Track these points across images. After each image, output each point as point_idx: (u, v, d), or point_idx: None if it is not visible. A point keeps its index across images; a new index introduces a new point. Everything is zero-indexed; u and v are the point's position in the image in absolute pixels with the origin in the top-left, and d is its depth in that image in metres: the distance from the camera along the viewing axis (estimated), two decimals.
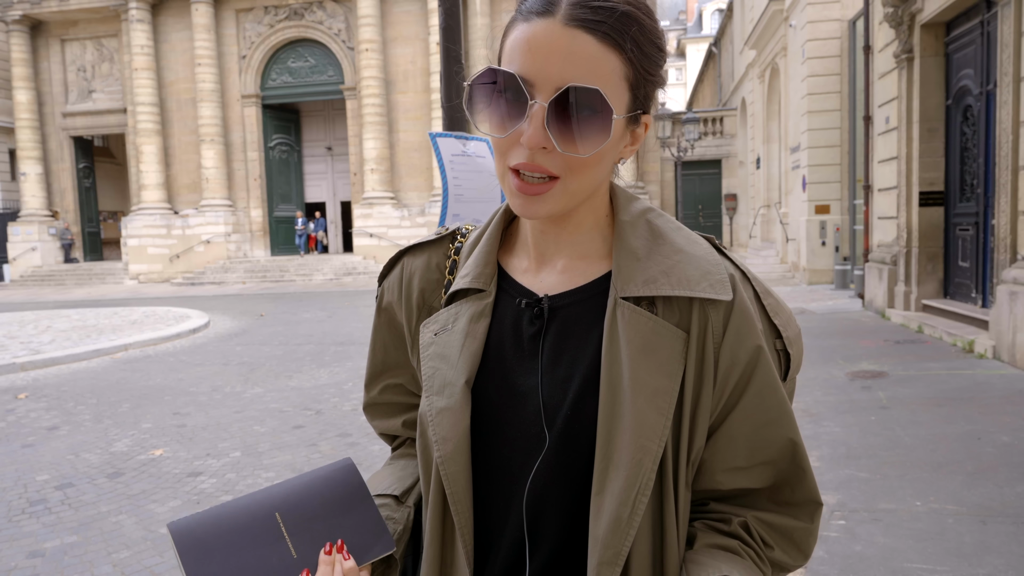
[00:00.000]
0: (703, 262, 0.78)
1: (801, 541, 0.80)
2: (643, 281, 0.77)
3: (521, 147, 0.72)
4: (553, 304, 0.81)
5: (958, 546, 3.07)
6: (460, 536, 0.79)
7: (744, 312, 0.77)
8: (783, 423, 0.78)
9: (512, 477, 0.79)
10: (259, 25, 23.29)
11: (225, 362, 8.64)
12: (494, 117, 0.74)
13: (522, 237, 0.87)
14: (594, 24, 0.69)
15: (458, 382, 0.80)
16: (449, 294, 0.87)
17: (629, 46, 0.71)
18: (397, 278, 0.94)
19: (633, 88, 0.74)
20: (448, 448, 0.78)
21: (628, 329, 0.75)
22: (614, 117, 0.70)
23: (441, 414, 0.79)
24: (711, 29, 50.59)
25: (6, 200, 27.38)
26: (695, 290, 0.76)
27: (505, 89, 0.72)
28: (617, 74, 0.72)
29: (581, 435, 0.76)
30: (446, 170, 1.79)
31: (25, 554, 3.44)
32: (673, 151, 18.13)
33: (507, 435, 0.79)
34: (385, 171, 22.63)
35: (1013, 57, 6.81)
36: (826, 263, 14.59)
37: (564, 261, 0.83)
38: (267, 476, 4.44)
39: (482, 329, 0.83)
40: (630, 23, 0.71)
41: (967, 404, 5.26)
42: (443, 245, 0.93)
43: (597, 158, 0.73)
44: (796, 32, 15.14)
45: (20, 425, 5.89)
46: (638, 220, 0.82)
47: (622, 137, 0.77)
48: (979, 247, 8.26)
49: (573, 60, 0.69)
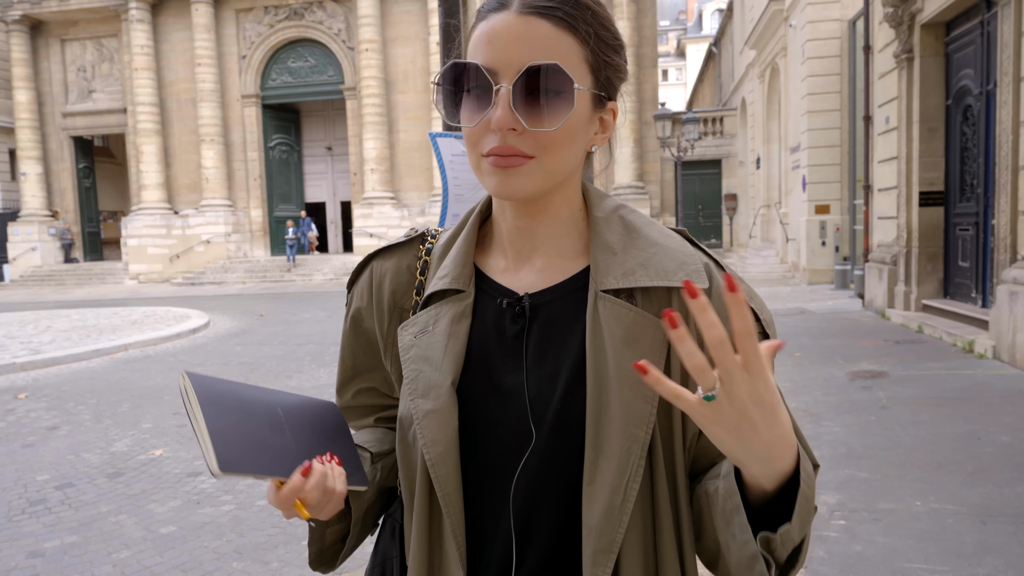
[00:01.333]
0: (678, 253, 0.80)
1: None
2: (621, 274, 0.79)
3: (492, 133, 0.74)
4: (534, 302, 0.82)
5: (958, 546, 3.07)
6: (452, 537, 0.79)
7: (721, 299, 0.79)
8: None
9: (501, 476, 0.80)
10: (259, 25, 23.29)
11: (225, 362, 8.63)
12: (463, 110, 0.76)
13: (498, 237, 0.88)
14: (547, 10, 0.73)
15: (443, 384, 0.80)
16: (427, 295, 0.87)
17: (584, 29, 0.74)
18: (367, 282, 0.94)
19: (594, 70, 0.77)
20: (438, 450, 0.78)
21: (610, 321, 0.77)
22: (575, 87, 0.72)
23: (428, 416, 0.79)
24: (711, 29, 50.58)
25: (6, 200, 27.37)
26: (672, 280, 0.77)
27: (471, 81, 0.75)
28: (575, 54, 0.74)
29: (571, 429, 0.77)
30: (446, 170, 1.79)
31: (25, 554, 3.44)
32: (673, 151, 18.12)
33: (494, 434, 0.80)
34: (385, 171, 22.63)
35: (1013, 57, 6.81)
36: (826, 263, 14.59)
37: (542, 259, 0.84)
38: None
39: (464, 330, 0.83)
40: (583, 9, 0.75)
41: (967, 404, 5.26)
42: (413, 247, 0.93)
43: (567, 134, 0.75)
44: (796, 32, 15.14)
45: (20, 425, 5.89)
46: (611, 216, 0.84)
47: (591, 120, 0.79)
48: (979, 247, 8.26)
49: (530, 43, 0.73)
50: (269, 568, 3.23)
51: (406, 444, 0.84)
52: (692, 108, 31.62)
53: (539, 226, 0.83)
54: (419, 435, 0.79)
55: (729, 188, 23.51)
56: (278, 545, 3.46)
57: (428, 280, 0.89)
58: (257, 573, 3.18)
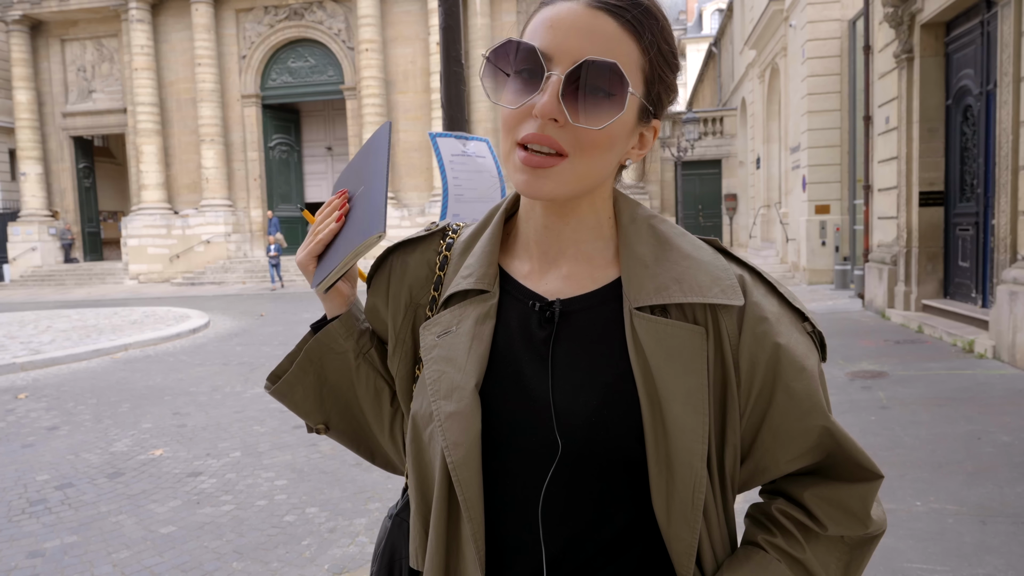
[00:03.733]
0: (712, 267, 0.79)
1: (855, 506, 0.81)
2: (655, 289, 0.78)
3: (532, 119, 0.72)
4: (565, 308, 0.81)
5: (958, 546, 3.07)
6: (473, 542, 0.78)
7: (757, 313, 0.78)
8: (815, 413, 0.79)
9: (525, 482, 0.78)
10: (259, 25, 23.28)
11: (225, 362, 8.63)
12: (507, 91, 0.74)
13: (522, 238, 0.86)
14: (617, 9, 0.72)
15: (467, 386, 0.79)
16: (450, 295, 0.85)
17: (648, 38, 0.73)
18: (385, 277, 0.92)
19: (647, 82, 0.75)
20: (460, 453, 0.77)
21: (648, 339, 0.76)
22: (629, 91, 0.71)
23: (451, 418, 0.78)
24: (711, 29, 50.55)
25: (6, 200, 27.37)
26: (707, 296, 0.77)
27: (523, 62, 0.73)
28: (633, 61, 0.73)
29: (604, 443, 0.76)
30: (446, 170, 1.78)
31: (25, 554, 3.44)
32: (673, 151, 18.12)
33: (517, 440, 0.79)
34: None
35: (1013, 57, 6.81)
36: (826, 263, 14.58)
37: (568, 265, 0.83)
38: (267, 476, 4.44)
39: (488, 331, 0.81)
40: (651, 18, 0.73)
41: (967, 404, 5.26)
42: (433, 242, 0.92)
43: (608, 138, 0.73)
44: (796, 32, 15.14)
45: (20, 425, 5.89)
46: (642, 226, 0.82)
47: (632, 132, 0.77)
48: (979, 247, 8.26)
49: (593, 37, 0.71)
50: (269, 568, 3.23)
51: (420, 444, 0.82)
52: (692, 108, 31.59)
53: (566, 228, 0.82)
54: (441, 437, 0.78)
55: (729, 188, 23.51)
56: (278, 545, 3.46)
57: (449, 277, 0.88)
58: (257, 573, 3.18)
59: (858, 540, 0.83)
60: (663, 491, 0.76)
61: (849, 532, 0.82)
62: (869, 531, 0.83)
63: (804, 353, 0.79)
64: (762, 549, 0.81)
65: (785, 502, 0.83)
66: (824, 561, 0.81)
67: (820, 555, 0.81)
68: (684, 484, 0.75)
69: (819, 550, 0.81)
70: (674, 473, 0.75)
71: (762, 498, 0.88)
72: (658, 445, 0.75)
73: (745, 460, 0.82)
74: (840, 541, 0.82)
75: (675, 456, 0.75)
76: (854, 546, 0.83)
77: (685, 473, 0.75)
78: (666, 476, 0.75)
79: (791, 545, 0.80)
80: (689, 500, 0.75)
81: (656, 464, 0.75)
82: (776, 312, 0.80)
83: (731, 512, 0.83)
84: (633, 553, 0.79)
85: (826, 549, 0.81)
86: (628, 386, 0.76)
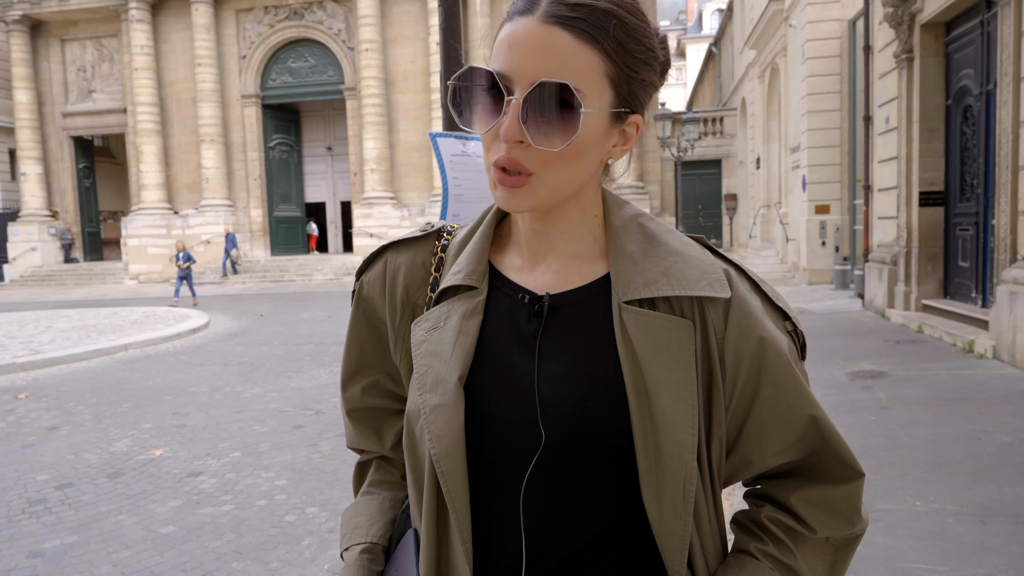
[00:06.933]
0: (699, 262, 0.80)
1: (843, 507, 0.82)
2: (643, 283, 0.79)
3: (501, 142, 0.73)
4: (554, 303, 0.82)
5: (958, 546, 3.07)
6: (459, 533, 0.79)
7: (743, 307, 0.79)
8: (801, 403, 0.80)
9: (509, 474, 0.79)
10: (259, 25, 23.28)
11: (225, 362, 8.63)
12: (477, 114, 0.76)
13: (515, 236, 0.87)
14: (570, 21, 0.71)
15: (451, 379, 0.79)
16: (439, 291, 0.86)
17: (607, 43, 0.72)
18: (380, 273, 0.92)
19: (615, 85, 0.75)
20: (443, 445, 0.78)
21: (636, 332, 0.77)
22: (583, 111, 0.71)
23: (435, 411, 0.79)
24: (711, 29, 50.56)
25: (6, 200, 27.37)
26: (695, 289, 0.78)
27: (487, 86, 0.74)
28: (595, 70, 0.72)
29: (588, 434, 0.77)
30: (446, 170, 1.78)
31: (25, 554, 3.44)
32: (673, 151, 18.12)
33: (502, 432, 0.79)
34: (385, 171, 22.63)
35: (1013, 57, 6.81)
36: (826, 263, 14.59)
37: (557, 261, 0.84)
38: (267, 476, 4.44)
39: (475, 326, 0.82)
40: (609, 20, 0.72)
41: (967, 404, 5.26)
42: (428, 242, 0.92)
43: (572, 152, 0.74)
44: (796, 32, 15.14)
45: (20, 425, 5.89)
46: (630, 224, 0.83)
47: (607, 135, 0.77)
48: (979, 247, 8.26)
49: (547, 55, 0.71)
50: (269, 568, 3.23)
51: (413, 439, 0.83)
52: (692, 108, 31.62)
53: (553, 230, 0.83)
54: (426, 430, 0.79)
55: (729, 188, 23.51)
56: (278, 545, 3.46)
57: (442, 277, 0.89)
58: (257, 573, 3.18)
59: (843, 540, 0.84)
60: (653, 485, 0.76)
61: (837, 533, 0.83)
62: (855, 530, 0.84)
63: (787, 348, 0.81)
64: (755, 558, 0.81)
65: (773, 508, 0.84)
66: (811, 563, 0.82)
67: (807, 558, 0.82)
68: (674, 477, 0.75)
69: (806, 553, 0.82)
70: (664, 466, 0.75)
71: (748, 504, 0.88)
72: (647, 438, 0.75)
73: (730, 453, 0.82)
74: (825, 542, 0.83)
75: (665, 448, 0.75)
76: (839, 546, 0.84)
77: (675, 465, 0.75)
78: (656, 469, 0.75)
79: (783, 553, 0.81)
80: (680, 493, 0.75)
81: (645, 458, 0.76)
82: (759, 308, 0.81)
83: (720, 506, 0.83)
84: (619, 551, 0.80)
85: (812, 552, 0.82)
86: (616, 378, 0.77)
